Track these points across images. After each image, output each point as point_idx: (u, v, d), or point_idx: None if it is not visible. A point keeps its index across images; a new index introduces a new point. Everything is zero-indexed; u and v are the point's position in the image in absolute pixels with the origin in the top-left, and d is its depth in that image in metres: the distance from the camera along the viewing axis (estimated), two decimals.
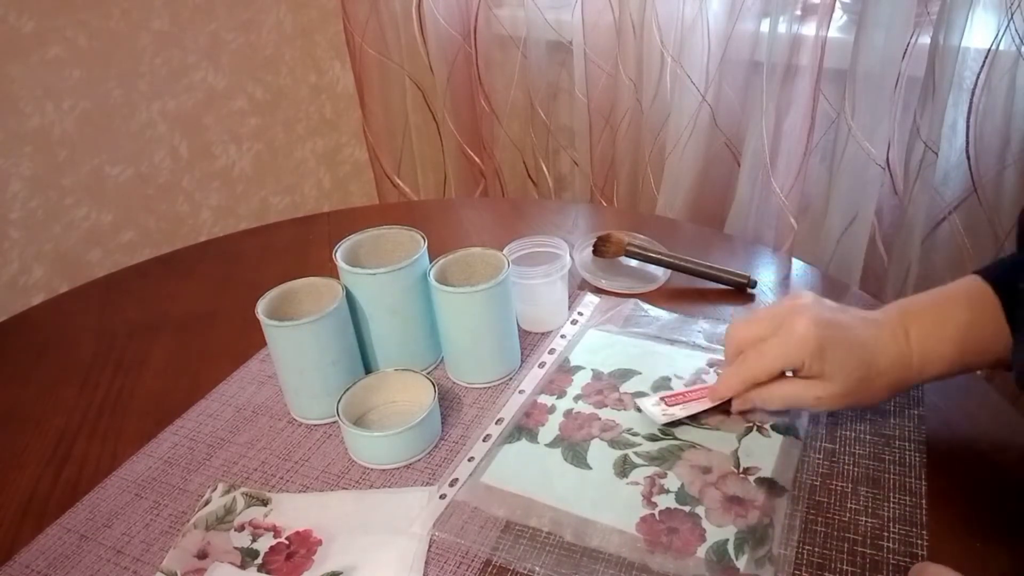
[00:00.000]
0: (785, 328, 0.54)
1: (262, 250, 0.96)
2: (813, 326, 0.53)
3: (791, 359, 0.54)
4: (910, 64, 0.98)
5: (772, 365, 0.55)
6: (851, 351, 0.53)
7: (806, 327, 0.53)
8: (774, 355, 0.54)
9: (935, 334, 0.54)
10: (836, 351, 0.53)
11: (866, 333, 0.54)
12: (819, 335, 0.52)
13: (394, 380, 0.65)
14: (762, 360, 0.55)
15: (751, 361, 0.55)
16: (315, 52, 1.55)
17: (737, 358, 0.57)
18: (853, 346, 0.53)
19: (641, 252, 0.82)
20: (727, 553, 0.50)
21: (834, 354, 0.53)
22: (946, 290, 0.56)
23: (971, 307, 0.54)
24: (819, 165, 1.12)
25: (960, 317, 0.53)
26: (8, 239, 1.18)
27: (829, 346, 0.52)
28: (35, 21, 1.14)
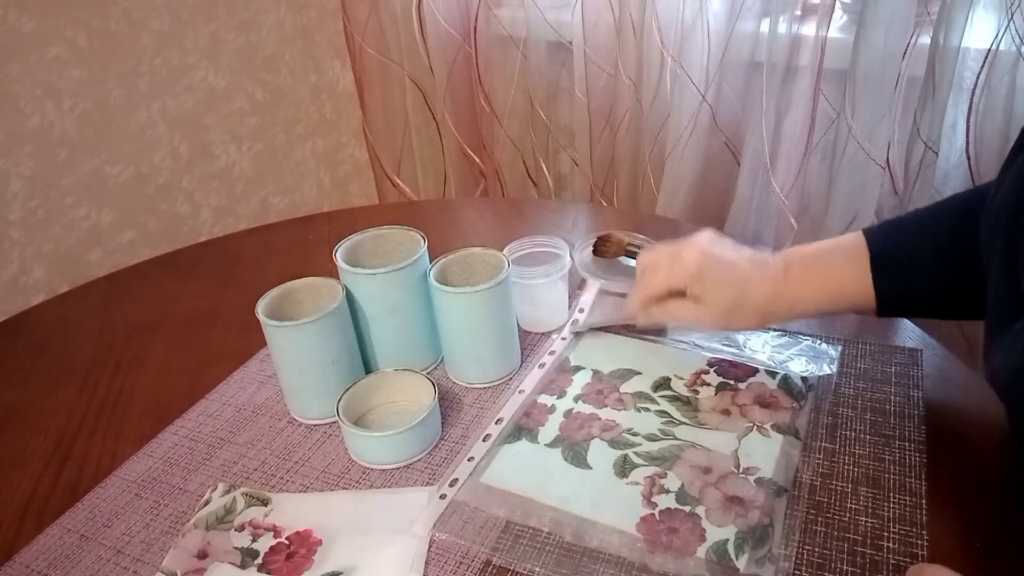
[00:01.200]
0: (676, 256, 0.62)
1: (262, 250, 0.96)
2: (698, 254, 0.61)
3: (674, 280, 0.62)
4: (910, 64, 0.98)
5: (661, 284, 0.63)
6: (726, 279, 0.61)
7: (691, 255, 0.61)
8: (662, 276, 0.63)
9: (809, 280, 0.61)
10: (712, 276, 0.61)
11: (747, 268, 0.62)
12: (700, 263, 0.61)
13: (394, 380, 0.65)
14: (651, 281, 0.63)
15: (646, 281, 0.64)
16: (315, 52, 1.55)
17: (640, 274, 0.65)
18: (729, 275, 0.61)
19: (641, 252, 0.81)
20: (727, 553, 0.50)
21: (711, 279, 0.61)
22: (831, 241, 0.63)
23: (847, 259, 0.60)
24: (819, 165, 1.12)
25: (834, 267, 0.61)
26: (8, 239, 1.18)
27: (707, 272, 0.61)
28: (35, 21, 1.14)
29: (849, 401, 0.63)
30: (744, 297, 0.61)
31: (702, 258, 0.61)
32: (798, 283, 0.61)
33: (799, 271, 0.61)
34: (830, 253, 0.62)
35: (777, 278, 0.61)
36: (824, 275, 0.61)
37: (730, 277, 0.61)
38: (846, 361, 0.67)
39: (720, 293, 0.61)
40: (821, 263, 0.61)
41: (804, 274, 0.61)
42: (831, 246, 0.62)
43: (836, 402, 0.63)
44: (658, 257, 0.64)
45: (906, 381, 0.64)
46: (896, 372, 0.65)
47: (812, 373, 0.66)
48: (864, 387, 0.64)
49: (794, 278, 0.61)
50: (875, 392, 0.63)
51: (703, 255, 0.61)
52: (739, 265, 0.61)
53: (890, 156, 1.04)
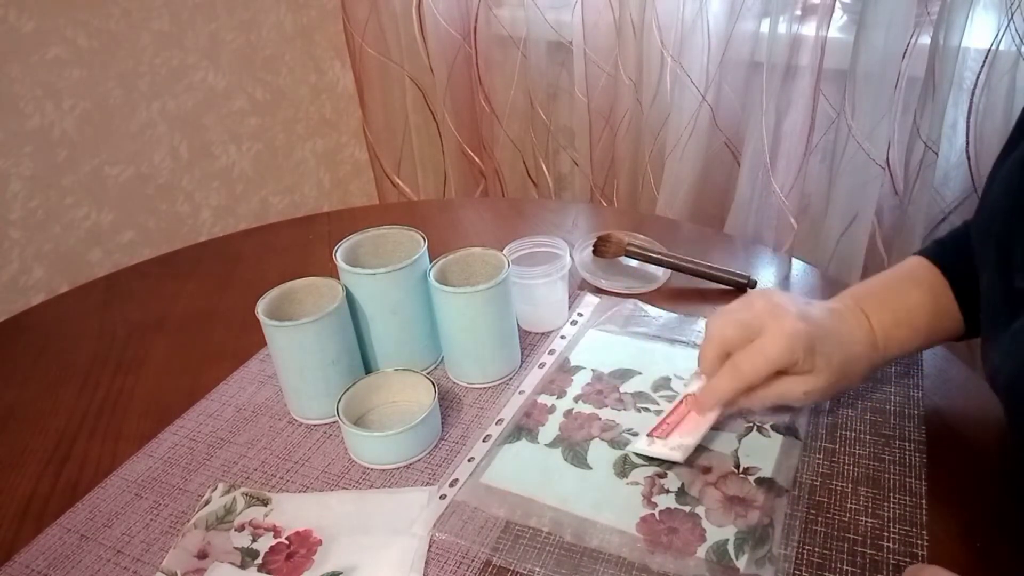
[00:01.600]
0: (774, 328, 0.53)
1: (262, 250, 0.96)
2: (801, 323, 0.53)
3: (785, 360, 0.53)
4: (910, 64, 0.98)
5: (766, 368, 0.53)
6: (835, 345, 0.54)
7: (795, 324, 0.53)
8: (767, 357, 0.53)
9: (892, 318, 0.57)
10: (823, 345, 0.53)
11: (837, 324, 0.56)
12: (808, 332, 0.53)
13: (394, 380, 0.65)
14: (755, 363, 0.53)
15: (744, 366, 0.54)
16: (315, 52, 1.55)
17: (723, 362, 0.55)
18: (835, 340, 0.54)
19: (641, 252, 0.82)
20: (727, 553, 0.50)
21: (822, 348, 0.53)
22: (895, 273, 0.59)
23: (921, 289, 0.57)
24: (819, 165, 1.12)
25: (913, 300, 0.57)
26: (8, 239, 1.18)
27: (818, 343, 0.53)
28: (35, 21, 1.14)
29: (849, 401, 0.63)
30: (850, 357, 0.55)
31: (806, 326, 0.53)
32: (886, 330, 0.56)
33: (883, 317, 0.57)
34: (903, 288, 0.58)
35: (867, 330, 0.56)
36: (908, 316, 0.57)
37: (836, 342, 0.54)
38: None
39: (831, 362, 0.54)
40: (900, 302, 0.57)
41: (889, 319, 0.57)
42: (899, 280, 0.58)
43: (836, 402, 0.63)
44: (742, 331, 0.55)
45: (906, 381, 0.64)
46: (896, 372, 0.65)
47: None
48: (864, 387, 0.64)
49: (880, 325, 0.57)
50: (875, 392, 0.63)
51: (804, 321, 0.53)
52: (833, 323, 0.55)
53: (890, 156, 1.04)
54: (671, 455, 0.56)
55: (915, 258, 0.59)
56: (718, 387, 0.55)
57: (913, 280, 0.57)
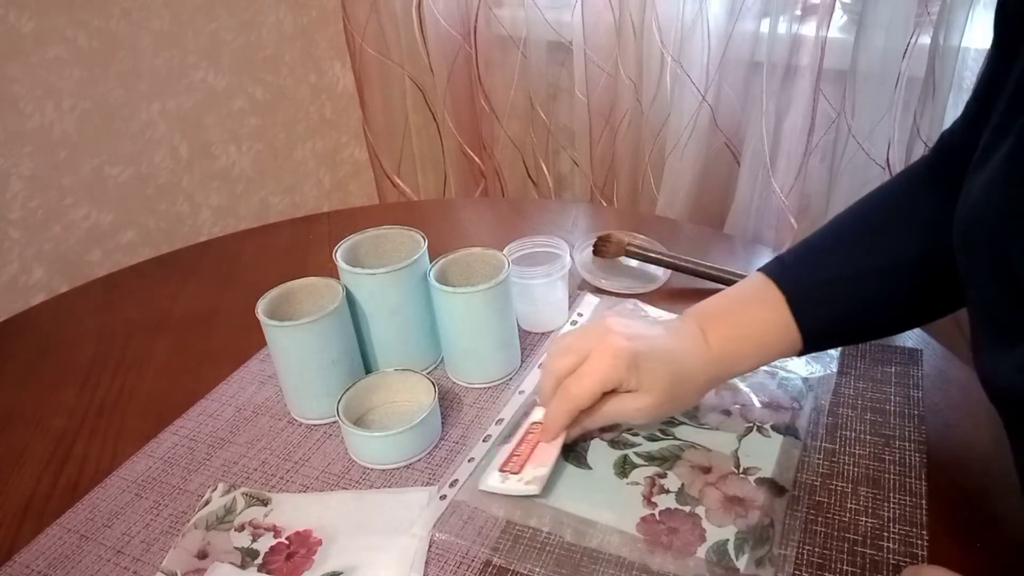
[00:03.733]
0: (598, 350, 0.54)
1: (262, 250, 0.96)
2: (625, 342, 0.54)
3: (609, 379, 0.54)
4: (910, 64, 0.98)
5: (592, 388, 0.54)
6: (661, 362, 0.55)
7: (619, 346, 0.54)
8: (592, 379, 0.54)
9: (734, 335, 0.57)
10: (648, 363, 0.54)
11: (671, 343, 0.56)
12: (631, 351, 0.53)
13: (394, 380, 0.65)
14: (582, 385, 0.54)
15: (572, 389, 0.55)
16: (315, 52, 1.55)
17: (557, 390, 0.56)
18: (663, 357, 0.55)
19: (641, 252, 0.82)
20: (727, 553, 0.50)
21: (647, 366, 0.54)
22: (738, 290, 0.60)
23: (761, 305, 0.57)
24: (819, 165, 1.12)
25: (753, 315, 0.57)
26: (8, 239, 1.18)
27: (641, 360, 0.54)
28: (35, 21, 1.14)
29: (849, 401, 0.63)
30: (681, 377, 0.55)
31: (630, 344, 0.54)
32: (724, 345, 0.57)
33: (721, 334, 0.57)
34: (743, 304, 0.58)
35: (702, 347, 0.57)
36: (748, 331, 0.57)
37: (663, 359, 0.55)
38: (846, 361, 0.67)
39: (658, 379, 0.54)
40: (739, 318, 0.58)
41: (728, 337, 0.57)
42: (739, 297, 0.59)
43: (836, 402, 0.63)
44: (571, 358, 0.56)
45: (906, 381, 0.64)
46: (896, 372, 0.65)
47: (812, 373, 0.66)
48: (864, 387, 0.64)
49: (719, 342, 0.57)
50: (875, 392, 0.63)
51: (630, 340, 0.54)
52: (665, 343, 0.56)
53: (890, 156, 1.04)
54: (527, 490, 0.55)
55: (757, 275, 0.59)
56: (553, 414, 0.56)
57: (754, 296, 0.58)
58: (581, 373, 0.55)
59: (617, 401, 0.55)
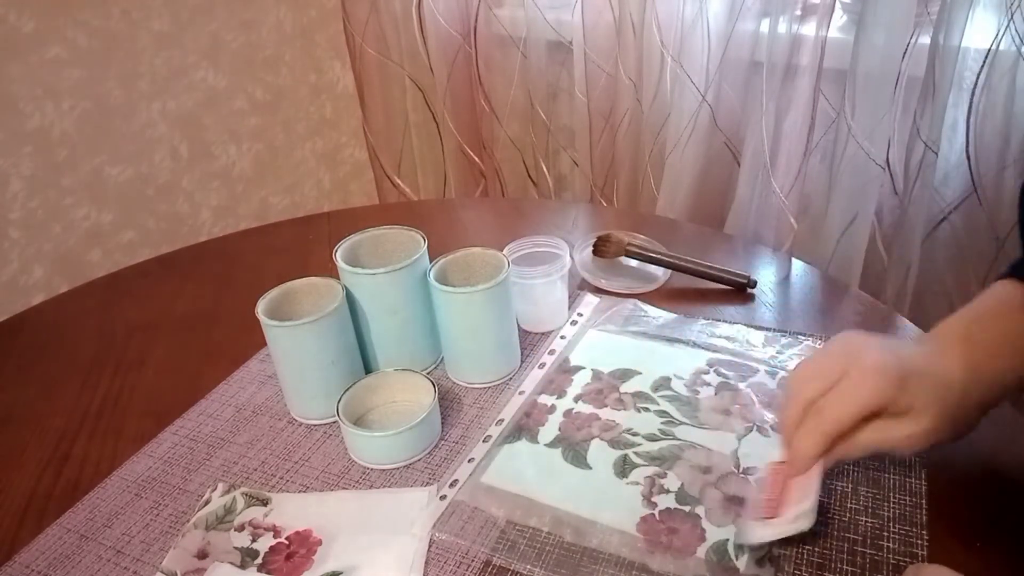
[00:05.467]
0: (856, 368, 0.47)
1: (262, 250, 0.96)
2: (889, 356, 0.47)
3: (875, 398, 0.46)
4: (910, 64, 0.98)
5: (854, 409, 0.46)
6: (934, 381, 0.47)
7: (881, 359, 0.47)
8: (854, 397, 0.46)
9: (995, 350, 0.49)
10: (920, 381, 0.46)
11: (938, 360, 0.48)
12: (898, 366, 0.46)
13: (394, 380, 0.65)
14: (842, 406, 0.47)
15: (829, 411, 0.47)
16: (315, 52, 1.55)
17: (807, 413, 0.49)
18: (935, 375, 0.47)
19: (641, 252, 0.82)
20: (727, 553, 0.50)
21: (920, 385, 0.46)
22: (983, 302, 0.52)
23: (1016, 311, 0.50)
24: (819, 165, 1.12)
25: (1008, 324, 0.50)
26: (8, 239, 1.18)
27: (914, 378, 0.46)
28: (35, 21, 1.14)
29: None
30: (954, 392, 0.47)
31: (895, 360, 0.47)
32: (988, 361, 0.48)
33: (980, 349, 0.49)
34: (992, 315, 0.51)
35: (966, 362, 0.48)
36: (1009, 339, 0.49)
37: (935, 375, 0.47)
38: None
39: (935, 398, 0.46)
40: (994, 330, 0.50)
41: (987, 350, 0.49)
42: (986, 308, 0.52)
43: None
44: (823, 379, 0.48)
45: None
46: None
47: None
48: None
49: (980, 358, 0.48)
50: None
51: (892, 355, 0.47)
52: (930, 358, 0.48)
53: (890, 156, 1.04)
54: (798, 527, 0.48)
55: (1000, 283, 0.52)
56: (806, 443, 0.48)
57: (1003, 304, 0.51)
58: (838, 392, 0.47)
59: (882, 427, 0.47)
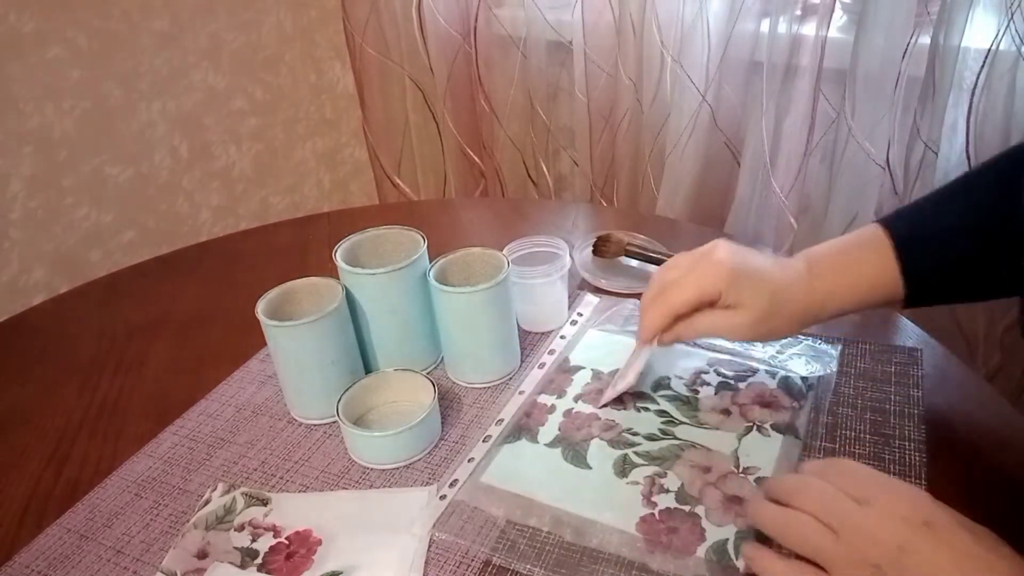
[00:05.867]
0: (702, 262, 0.57)
1: (262, 250, 0.96)
2: (728, 257, 0.57)
3: (707, 288, 0.56)
4: (910, 64, 0.98)
5: (690, 294, 0.57)
6: (762, 282, 0.57)
7: (720, 259, 0.57)
8: (692, 286, 0.57)
9: (833, 271, 0.58)
10: (748, 281, 0.56)
11: (775, 270, 0.58)
12: (733, 265, 0.56)
13: (394, 380, 0.65)
14: (681, 291, 0.57)
15: (671, 294, 0.58)
16: (315, 52, 1.55)
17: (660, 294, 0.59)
18: (764, 278, 0.57)
19: (641, 252, 0.82)
20: (727, 553, 0.50)
21: (747, 283, 0.56)
22: (847, 236, 0.61)
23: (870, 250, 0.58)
24: (819, 165, 1.12)
25: (857, 256, 0.59)
26: (8, 239, 1.18)
27: (743, 276, 0.56)
28: (35, 21, 1.14)
29: (849, 401, 0.63)
30: (779, 300, 0.57)
31: (732, 260, 0.57)
32: (824, 280, 0.58)
33: (823, 268, 0.59)
34: (851, 246, 0.60)
35: (803, 277, 0.58)
36: (849, 268, 0.58)
37: (763, 280, 0.57)
38: (846, 361, 0.67)
39: (756, 298, 0.56)
40: (844, 257, 0.59)
41: (829, 270, 0.58)
42: (850, 239, 0.60)
43: (836, 402, 0.63)
44: (677, 270, 0.59)
45: (906, 381, 0.64)
46: (896, 372, 0.65)
47: (812, 373, 0.66)
48: (864, 387, 0.64)
49: (819, 275, 0.58)
50: (875, 392, 0.63)
51: (732, 256, 0.57)
52: (768, 268, 0.58)
53: (890, 156, 1.04)
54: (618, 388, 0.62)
55: (871, 224, 0.60)
56: (651, 317, 0.59)
57: (861, 240, 0.59)
58: (682, 280, 0.57)
59: (712, 315, 0.57)
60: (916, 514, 0.44)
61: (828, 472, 0.48)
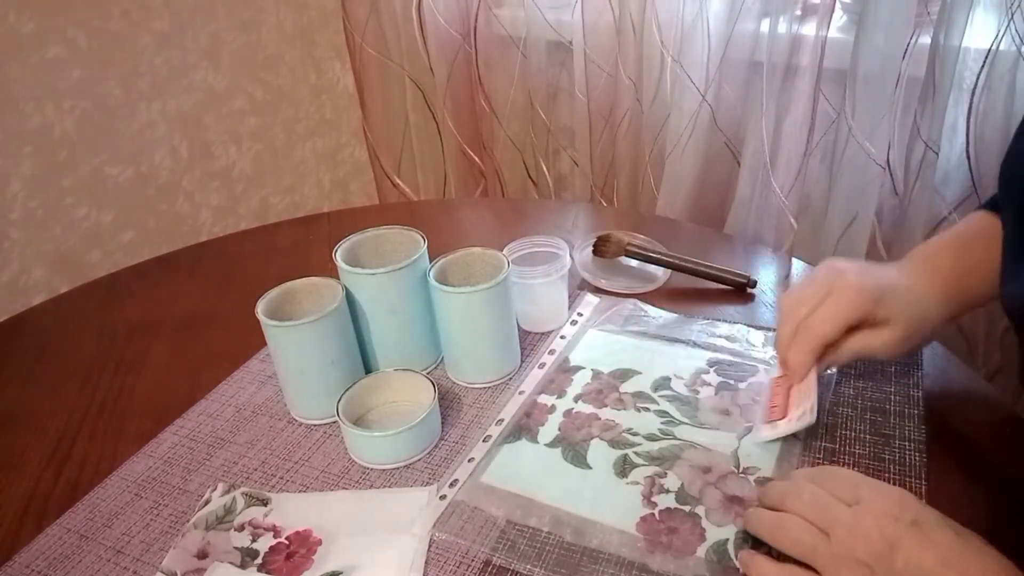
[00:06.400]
0: (839, 287, 0.56)
1: (262, 250, 0.96)
2: (860, 279, 0.56)
3: (855, 311, 0.55)
4: (910, 64, 0.98)
5: (838, 323, 0.55)
6: (904, 295, 0.56)
7: (859, 279, 0.55)
8: (838, 315, 0.55)
9: (959, 271, 0.57)
10: (892, 297, 0.55)
11: (907, 280, 0.57)
12: (875, 283, 0.55)
13: (394, 380, 0.65)
14: (825, 322, 0.56)
15: (817, 328, 0.56)
16: (315, 52, 1.55)
17: (798, 330, 0.57)
18: (904, 291, 0.56)
19: (641, 252, 0.82)
20: (727, 553, 0.50)
21: (891, 300, 0.55)
22: (958, 229, 0.60)
23: (985, 239, 0.57)
24: (819, 165, 1.12)
25: (976, 248, 0.58)
26: (8, 239, 1.18)
27: (886, 294, 0.55)
28: (35, 21, 1.14)
29: (849, 401, 0.63)
30: (922, 308, 0.56)
31: (868, 282, 0.56)
32: (952, 281, 0.57)
33: (946, 270, 0.57)
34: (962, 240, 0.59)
35: (932, 281, 0.57)
36: (971, 263, 0.57)
37: (904, 292, 0.56)
38: None
39: (903, 311, 0.55)
40: (961, 253, 0.58)
41: (952, 271, 0.57)
42: (959, 233, 0.59)
43: (836, 402, 0.63)
44: (808, 303, 0.57)
45: (906, 381, 0.64)
46: (896, 372, 0.65)
47: None
48: (864, 387, 0.64)
49: (946, 278, 0.57)
50: (875, 392, 0.63)
51: (866, 279, 0.56)
52: (900, 280, 0.57)
53: (890, 156, 1.04)
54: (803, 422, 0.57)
55: (977, 212, 0.60)
56: (798, 355, 0.57)
57: (975, 230, 0.59)
58: (824, 308, 0.56)
59: (863, 336, 0.56)
60: (905, 514, 0.44)
61: (818, 477, 0.49)
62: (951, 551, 0.43)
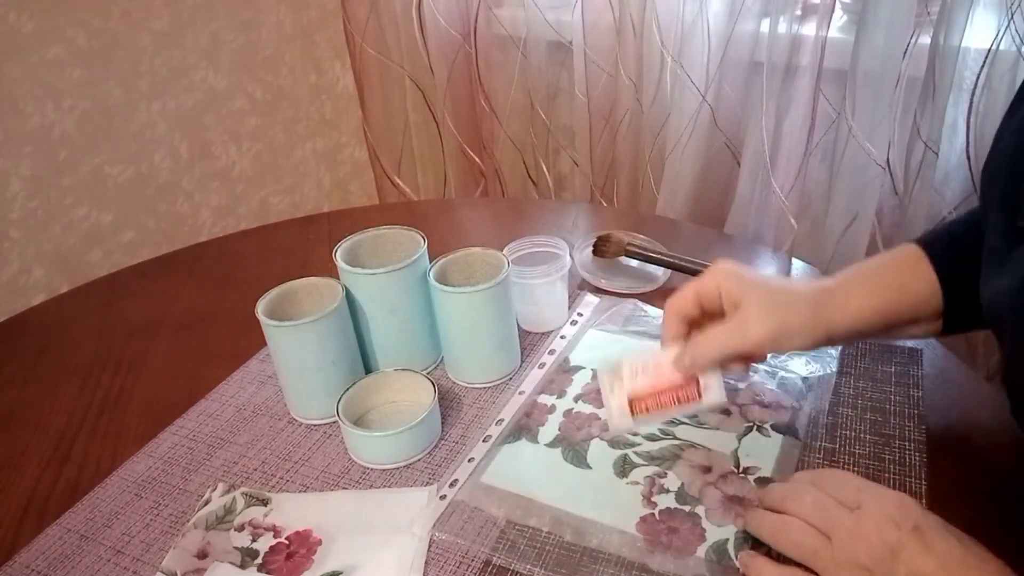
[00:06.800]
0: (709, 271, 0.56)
1: (262, 250, 0.96)
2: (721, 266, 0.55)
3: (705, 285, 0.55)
4: (910, 64, 0.98)
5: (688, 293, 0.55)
6: (765, 283, 0.55)
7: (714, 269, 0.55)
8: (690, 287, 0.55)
9: (851, 276, 0.56)
10: (750, 281, 0.54)
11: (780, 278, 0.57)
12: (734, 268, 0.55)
13: (394, 380, 0.65)
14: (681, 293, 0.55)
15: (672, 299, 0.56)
16: (315, 52, 1.55)
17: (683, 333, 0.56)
18: (766, 281, 0.55)
19: (641, 252, 0.82)
20: (727, 553, 0.50)
21: (749, 283, 0.54)
22: (880, 254, 0.59)
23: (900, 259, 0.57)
24: (819, 165, 1.12)
25: (878, 261, 0.57)
26: (8, 239, 1.18)
27: (746, 278, 0.54)
28: (35, 21, 1.14)
29: (849, 401, 0.63)
30: (785, 298, 0.53)
31: (727, 265, 0.55)
32: (837, 281, 0.55)
33: (847, 275, 0.56)
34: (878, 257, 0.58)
35: (822, 283, 0.55)
36: (867, 270, 0.56)
37: (766, 280, 0.55)
38: (846, 361, 0.67)
39: (761, 297, 0.53)
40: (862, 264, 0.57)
41: (844, 277, 0.56)
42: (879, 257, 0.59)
43: (836, 402, 0.63)
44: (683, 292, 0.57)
45: (906, 381, 0.64)
46: (896, 372, 0.65)
47: (812, 373, 0.66)
48: (864, 387, 0.64)
49: (833, 280, 0.56)
50: (875, 392, 0.63)
51: (726, 265, 0.55)
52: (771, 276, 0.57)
53: (890, 156, 1.04)
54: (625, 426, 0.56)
55: (908, 244, 0.59)
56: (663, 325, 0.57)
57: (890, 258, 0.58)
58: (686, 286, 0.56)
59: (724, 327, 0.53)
60: (906, 519, 0.44)
61: (819, 480, 0.49)
62: (953, 558, 0.43)
